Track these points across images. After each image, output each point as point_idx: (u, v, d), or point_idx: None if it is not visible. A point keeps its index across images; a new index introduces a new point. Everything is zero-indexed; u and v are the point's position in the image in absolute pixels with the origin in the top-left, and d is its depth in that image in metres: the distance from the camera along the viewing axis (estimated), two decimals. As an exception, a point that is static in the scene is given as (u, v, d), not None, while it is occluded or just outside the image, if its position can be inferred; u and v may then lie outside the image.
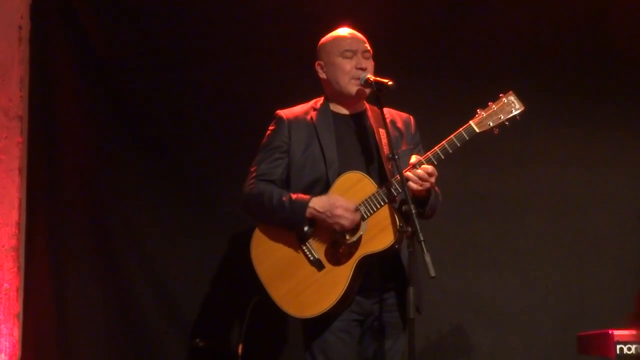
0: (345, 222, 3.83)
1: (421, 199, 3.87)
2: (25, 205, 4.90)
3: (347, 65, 4.02)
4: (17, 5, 4.97)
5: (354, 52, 4.04)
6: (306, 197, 3.90)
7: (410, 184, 3.77)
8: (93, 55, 5.12)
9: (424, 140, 4.14)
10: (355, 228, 3.86)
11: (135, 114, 5.18)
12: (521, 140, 5.15)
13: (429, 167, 3.80)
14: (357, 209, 3.84)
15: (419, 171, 3.79)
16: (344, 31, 4.13)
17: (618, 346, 4.09)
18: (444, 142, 3.83)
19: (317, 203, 3.87)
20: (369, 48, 4.09)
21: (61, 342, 4.93)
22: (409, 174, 3.78)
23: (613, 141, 5.28)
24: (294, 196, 3.91)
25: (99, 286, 5.03)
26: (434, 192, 3.93)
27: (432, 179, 3.82)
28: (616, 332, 4.11)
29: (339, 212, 3.82)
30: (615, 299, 5.09)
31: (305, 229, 3.90)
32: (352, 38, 4.09)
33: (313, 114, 4.11)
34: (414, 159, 3.84)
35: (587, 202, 5.24)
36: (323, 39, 4.16)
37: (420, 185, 3.79)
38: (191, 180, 5.16)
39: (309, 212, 3.86)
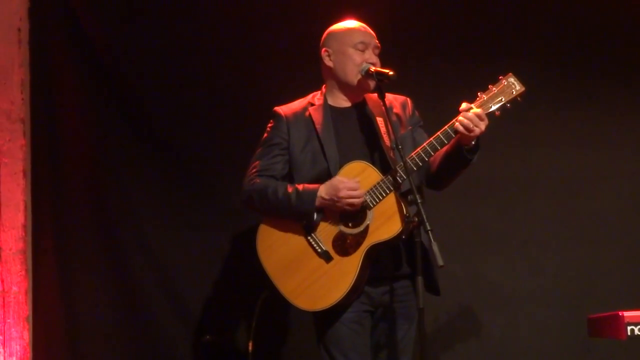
0: (355, 201, 3.81)
1: (471, 147, 3.82)
2: (31, 208, 4.90)
3: (359, 57, 4.00)
4: (16, 8, 4.97)
5: (367, 45, 4.02)
6: (315, 186, 3.89)
7: (458, 126, 3.73)
8: (93, 55, 5.12)
9: (427, 124, 4.13)
10: (361, 218, 3.85)
11: (137, 113, 5.18)
12: (525, 123, 5.13)
13: (479, 111, 3.75)
14: (363, 224, 3.83)
15: (470, 114, 3.74)
16: (356, 23, 4.11)
17: (629, 327, 4.06)
18: (446, 126, 3.81)
19: (323, 190, 3.86)
20: (379, 44, 4.08)
21: (72, 344, 4.95)
22: (460, 118, 3.74)
23: (618, 122, 5.26)
24: (300, 187, 3.91)
25: (107, 286, 5.04)
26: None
27: (482, 126, 3.76)
28: (626, 314, 4.08)
29: (343, 193, 3.81)
30: (625, 281, 5.09)
31: (315, 217, 3.90)
32: (366, 32, 4.07)
33: (311, 109, 4.09)
34: (464, 105, 3.79)
35: (593, 184, 5.22)
36: (333, 28, 4.13)
37: (471, 131, 3.73)
38: (196, 177, 5.17)
39: (317, 201, 3.86)
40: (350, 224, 3.89)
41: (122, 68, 5.17)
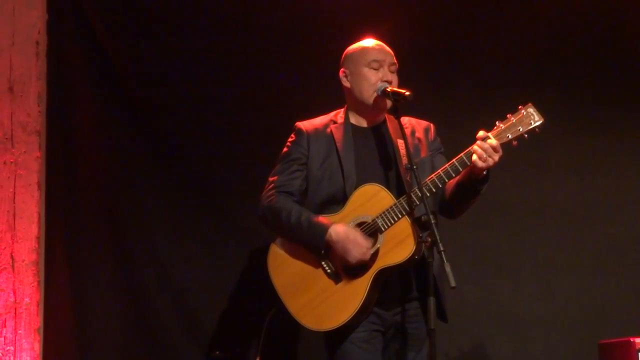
0: (351, 259, 3.79)
1: (482, 177, 3.80)
2: (45, 220, 4.92)
3: (373, 76, 3.99)
4: (34, 21, 4.99)
5: (381, 64, 4.01)
6: (327, 221, 3.88)
7: (474, 158, 3.70)
8: (110, 69, 5.14)
9: (445, 150, 4.13)
10: (372, 241, 3.83)
11: (153, 127, 5.20)
12: (539, 148, 5.13)
13: (495, 143, 3.72)
14: (373, 248, 3.81)
15: (486, 145, 3.71)
16: (371, 42, 4.10)
17: (640, 354, 4.08)
18: (462, 154, 3.79)
19: (335, 230, 3.84)
20: (395, 61, 4.06)
21: (82, 356, 4.95)
22: (475, 147, 3.72)
23: (631, 148, 5.27)
24: (313, 218, 3.90)
25: (119, 299, 5.04)
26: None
27: (496, 157, 3.73)
28: (638, 340, 4.09)
29: (350, 246, 3.79)
30: (637, 307, 5.08)
31: (322, 252, 3.89)
32: (380, 49, 4.05)
33: (332, 126, 4.09)
34: (481, 133, 3.76)
35: (606, 209, 5.22)
36: (350, 48, 4.13)
37: (484, 161, 3.70)
38: (209, 193, 5.18)
39: (327, 237, 3.84)
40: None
41: (139, 82, 5.19)
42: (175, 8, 5.24)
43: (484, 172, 3.79)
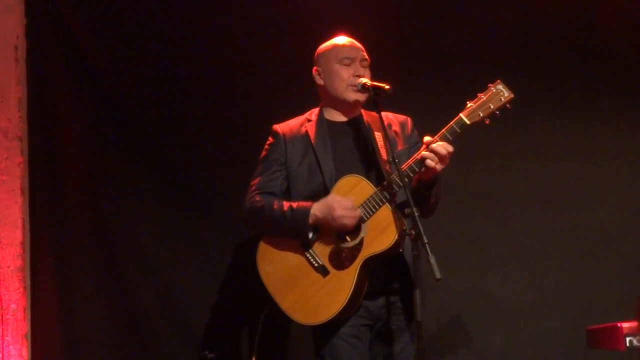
0: (348, 222, 3.83)
1: (429, 182, 3.85)
2: (29, 225, 4.91)
3: (345, 72, 4.06)
4: (13, 26, 4.98)
5: (352, 60, 4.07)
6: (307, 204, 3.91)
7: (428, 162, 3.75)
8: (91, 72, 5.13)
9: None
10: (356, 231, 3.86)
11: (136, 129, 5.18)
12: (522, 136, 5.16)
13: (447, 144, 3.76)
14: (358, 238, 3.85)
15: (436, 146, 3.74)
16: (342, 39, 4.17)
17: (627, 339, 4.08)
18: (436, 136, 3.82)
19: (317, 208, 3.88)
20: (366, 57, 4.12)
21: (71, 360, 4.94)
22: (424, 152, 3.76)
23: (614, 134, 5.27)
24: (295, 204, 3.93)
25: (106, 303, 5.03)
26: (440, 178, 3.89)
27: (447, 159, 3.77)
28: (625, 325, 4.10)
29: (339, 212, 3.83)
30: (623, 292, 5.08)
31: (310, 235, 3.91)
32: (351, 46, 4.12)
33: (307, 125, 4.14)
34: (427, 138, 3.80)
35: (591, 196, 5.22)
36: (322, 46, 4.20)
37: (436, 163, 3.75)
38: (196, 193, 5.16)
39: (311, 218, 3.87)
40: (345, 238, 3.90)
41: (121, 85, 5.17)
42: (156, 10, 5.22)
43: (434, 176, 3.85)
